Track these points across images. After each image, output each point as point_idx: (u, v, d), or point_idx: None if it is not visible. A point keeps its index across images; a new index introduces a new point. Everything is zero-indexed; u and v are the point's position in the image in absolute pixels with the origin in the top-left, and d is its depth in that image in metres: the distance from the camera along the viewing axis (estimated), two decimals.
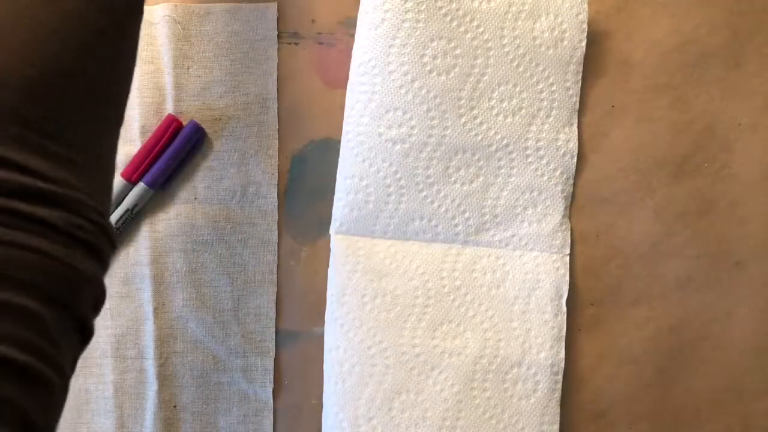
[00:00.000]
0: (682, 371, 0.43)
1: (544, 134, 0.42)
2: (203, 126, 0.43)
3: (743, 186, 0.43)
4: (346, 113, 0.42)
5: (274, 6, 0.44)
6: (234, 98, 0.44)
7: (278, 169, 0.44)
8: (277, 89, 0.44)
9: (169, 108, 0.43)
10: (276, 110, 0.44)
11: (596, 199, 0.43)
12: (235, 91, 0.44)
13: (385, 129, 0.42)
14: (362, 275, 0.42)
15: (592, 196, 0.43)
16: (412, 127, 0.42)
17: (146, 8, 0.43)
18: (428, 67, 0.41)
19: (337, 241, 0.42)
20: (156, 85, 0.43)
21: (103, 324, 0.44)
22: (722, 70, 0.43)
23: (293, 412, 0.43)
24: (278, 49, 0.44)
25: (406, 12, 0.41)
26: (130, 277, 0.44)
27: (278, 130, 0.44)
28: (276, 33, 0.44)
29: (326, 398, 0.42)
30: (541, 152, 0.42)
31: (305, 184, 0.44)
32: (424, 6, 0.41)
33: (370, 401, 0.41)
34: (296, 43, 0.44)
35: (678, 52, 0.43)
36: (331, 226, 0.43)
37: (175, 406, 0.43)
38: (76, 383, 0.44)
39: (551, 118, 0.42)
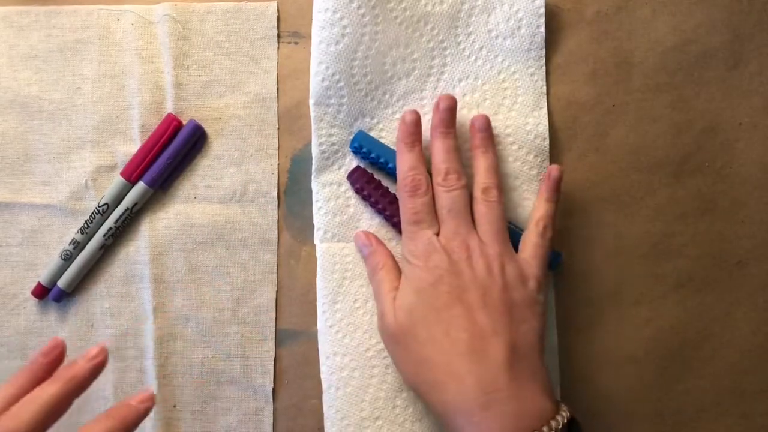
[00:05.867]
0: (683, 371, 0.43)
1: (511, 121, 0.42)
2: (203, 125, 0.43)
3: (744, 186, 0.43)
4: (314, 125, 0.42)
5: (274, 5, 0.44)
6: (234, 98, 0.44)
7: (278, 168, 0.44)
8: (277, 89, 0.44)
9: (169, 107, 0.43)
10: (276, 110, 0.44)
11: (596, 199, 0.43)
12: (235, 90, 0.44)
13: None
14: (351, 281, 0.42)
15: (592, 196, 0.43)
16: (381, 130, 0.43)
17: (146, 7, 0.44)
18: (389, 74, 0.42)
19: (323, 249, 0.42)
20: (156, 85, 0.43)
21: (103, 324, 0.44)
22: (722, 69, 0.43)
23: (293, 412, 0.43)
24: (278, 49, 0.44)
25: (364, 26, 0.41)
26: (130, 277, 0.44)
27: (278, 129, 0.44)
28: (276, 32, 0.44)
29: (328, 405, 0.42)
30: (511, 138, 0.42)
31: (305, 184, 0.44)
32: (380, 18, 0.41)
33: (374, 402, 0.41)
34: (296, 43, 0.44)
35: (678, 51, 0.43)
36: (315, 236, 0.43)
37: (174, 406, 0.43)
38: None
39: (518, 105, 0.43)
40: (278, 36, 0.44)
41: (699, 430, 0.43)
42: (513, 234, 0.40)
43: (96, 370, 0.33)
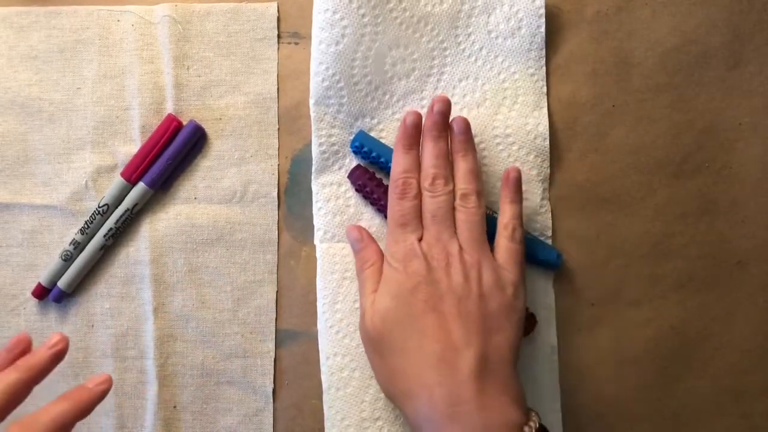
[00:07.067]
0: (683, 371, 0.43)
1: (511, 121, 0.42)
2: (203, 126, 0.43)
3: (744, 186, 0.43)
4: (314, 125, 0.42)
5: (274, 6, 0.44)
6: (234, 98, 0.44)
7: (278, 169, 0.44)
8: (277, 89, 0.44)
9: (169, 108, 0.44)
10: (276, 110, 0.44)
11: (596, 199, 0.43)
12: (235, 91, 0.44)
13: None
14: (351, 282, 0.42)
15: (592, 196, 0.43)
16: (381, 131, 0.43)
17: (146, 8, 0.44)
18: (389, 74, 0.42)
19: (323, 250, 0.43)
20: (156, 85, 0.43)
21: (103, 324, 0.44)
22: (722, 70, 0.43)
23: (293, 412, 0.43)
24: (278, 49, 0.44)
25: (364, 26, 0.41)
26: (130, 277, 0.44)
27: (278, 130, 0.44)
28: (276, 33, 0.44)
29: (328, 406, 0.42)
30: (511, 138, 0.42)
31: (305, 184, 0.44)
32: (380, 18, 0.41)
33: (374, 402, 0.41)
34: (296, 43, 0.44)
35: (678, 51, 0.43)
36: (315, 236, 0.43)
37: (175, 406, 0.43)
38: (75, 383, 0.44)
39: (518, 105, 0.43)
40: (278, 36, 0.44)
41: (699, 430, 0.43)
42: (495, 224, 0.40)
43: (56, 357, 0.34)
